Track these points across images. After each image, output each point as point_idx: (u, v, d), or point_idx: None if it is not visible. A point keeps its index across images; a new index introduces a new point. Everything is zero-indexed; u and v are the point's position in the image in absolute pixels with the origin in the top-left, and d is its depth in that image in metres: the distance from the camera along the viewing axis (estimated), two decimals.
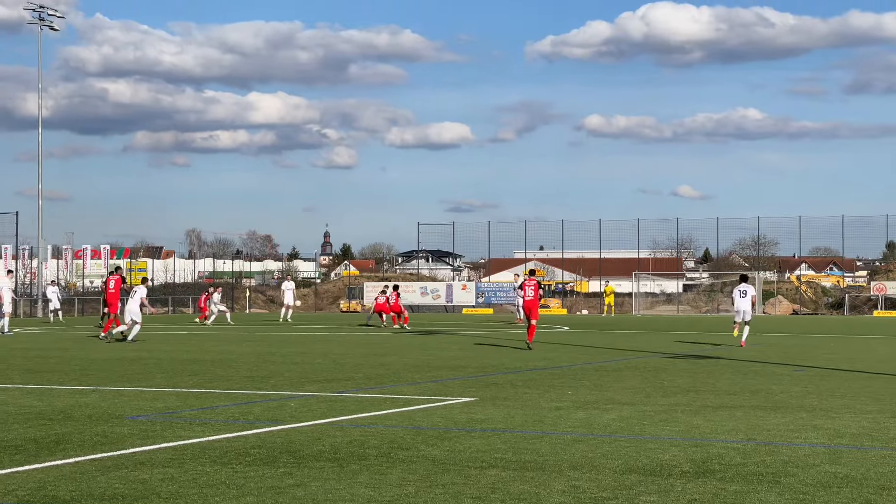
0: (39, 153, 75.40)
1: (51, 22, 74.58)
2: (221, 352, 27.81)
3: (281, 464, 9.97)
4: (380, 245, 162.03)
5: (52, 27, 74.70)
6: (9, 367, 22.36)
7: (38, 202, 75.44)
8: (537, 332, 30.60)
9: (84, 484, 8.97)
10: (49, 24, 74.41)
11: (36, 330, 43.93)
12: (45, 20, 74.24)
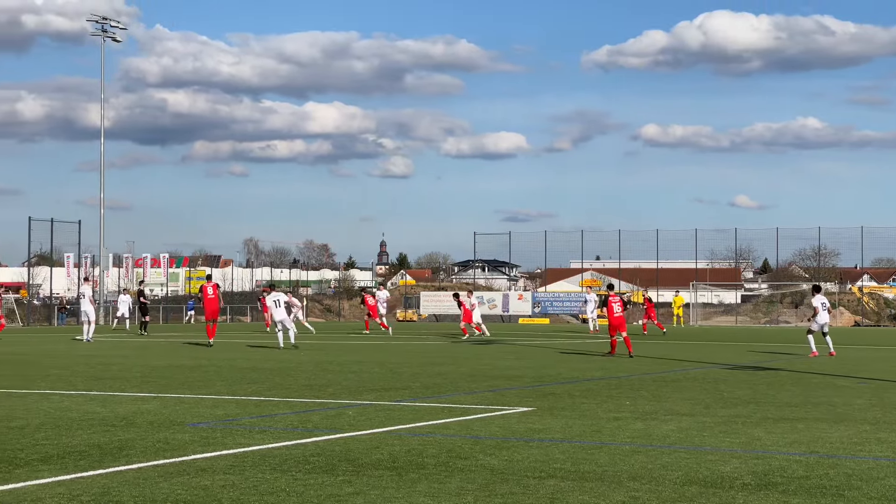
0: (101, 163, 76.28)
1: (113, 34, 75.46)
2: (280, 360, 27.97)
3: (340, 472, 10.02)
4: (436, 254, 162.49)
5: (115, 39, 75.56)
6: (72, 373, 22.63)
7: (99, 211, 76.30)
8: (604, 342, 30.96)
9: (147, 490, 9.06)
10: (111, 36, 75.28)
11: (101, 337, 44.37)
12: (108, 32, 75.12)
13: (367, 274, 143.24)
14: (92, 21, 75.40)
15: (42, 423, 13.51)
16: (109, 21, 75.52)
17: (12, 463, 10.40)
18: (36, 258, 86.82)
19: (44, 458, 10.68)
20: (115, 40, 75.69)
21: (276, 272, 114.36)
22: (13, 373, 22.93)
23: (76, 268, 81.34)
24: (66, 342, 40.52)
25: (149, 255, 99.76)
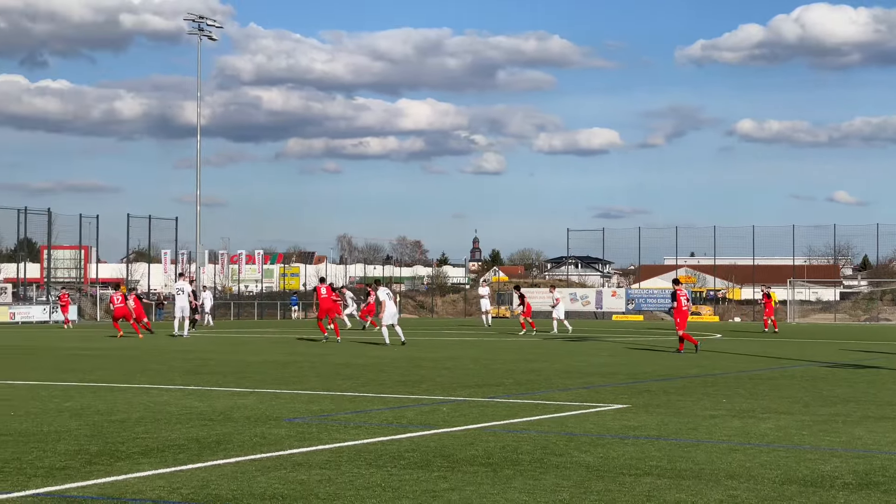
0: (198, 160, 77.34)
1: (209, 32, 76.42)
2: (374, 356, 28.12)
3: (435, 468, 10.04)
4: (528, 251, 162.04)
5: (211, 37, 76.52)
6: (170, 368, 22.97)
7: (196, 208, 77.38)
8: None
9: (245, 483, 9.16)
10: (208, 35, 76.24)
11: (197, 333, 44.99)
12: (204, 31, 76.09)
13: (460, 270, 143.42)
14: (189, 20, 76.46)
15: (142, 417, 13.73)
16: (206, 20, 76.52)
17: (114, 456, 10.57)
18: (134, 254, 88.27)
19: (144, 452, 10.84)
20: (211, 38, 76.66)
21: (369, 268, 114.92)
22: (114, 367, 23.33)
23: (173, 264, 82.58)
24: (163, 337, 41.12)
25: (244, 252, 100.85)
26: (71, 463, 10.12)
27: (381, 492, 8.88)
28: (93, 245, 77.72)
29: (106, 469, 9.81)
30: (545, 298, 52.35)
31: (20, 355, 28.32)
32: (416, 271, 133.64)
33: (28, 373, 21.49)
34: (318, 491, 8.87)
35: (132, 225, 76.63)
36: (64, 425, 12.84)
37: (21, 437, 11.75)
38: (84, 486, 9.05)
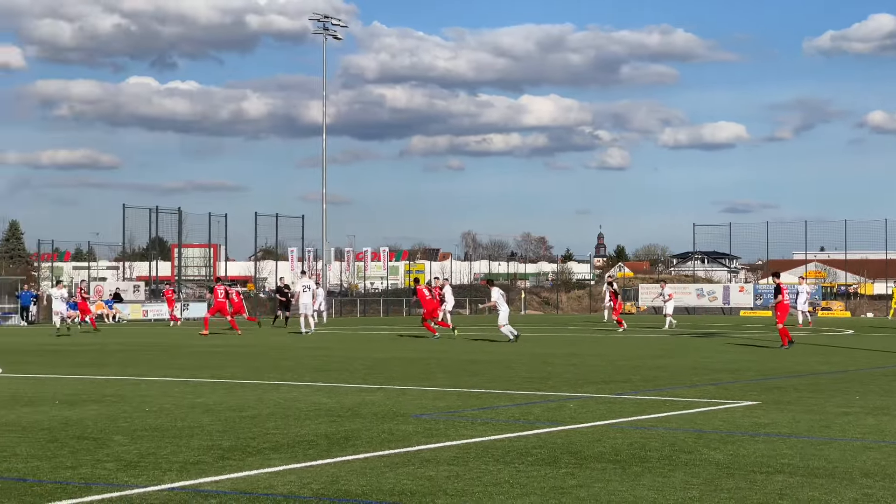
0: (323, 159, 78.24)
1: (334, 31, 77.22)
2: (500, 352, 28.13)
3: (563, 464, 10.00)
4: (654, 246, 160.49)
5: (336, 36, 77.31)
6: (299, 365, 23.26)
7: (322, 206, 78.25)
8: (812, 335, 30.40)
9: (374, 479, 9.23)
10: (333, 34, 77.05)
11: (322, 330, 45.54)
12: (329, 30, 76.89)
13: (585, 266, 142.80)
14: (314, 20, 77.35)
15: (272, 413, 13.92)
16: (330, 19, 77.35)
17: (245, 451, 10.74)
18: (262, 252, 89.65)
19: (274, 447, 11.00)
20: (335, 38, 77.46)
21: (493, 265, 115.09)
22: (244, 364, 23.70)
23: (300, 261, 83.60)
24: (291, 335, 41.65)
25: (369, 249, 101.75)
26: (204, 458, 10.31)
27: (508, 488, 8.87)
28: (221, 243, 79.08)
29: (238, 464, 9.97)
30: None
31: (153, 352, 28.94)
32: (540, 267, 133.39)
33: (161, 370, 21.95)
34: (446, 487, 8.90)
35: (260, 223, 77.80)
36: (197, 421, 13.09)
37: (156, 433, 12.00)
38: (217, 480, 9.21)
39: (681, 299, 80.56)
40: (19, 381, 19.05)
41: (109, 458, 10.29)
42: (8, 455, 10.45)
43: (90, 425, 12.66)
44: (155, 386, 18.10)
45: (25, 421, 13.07)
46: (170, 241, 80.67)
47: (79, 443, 11.25)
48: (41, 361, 24.73)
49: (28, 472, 9.52)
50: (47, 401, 15.46)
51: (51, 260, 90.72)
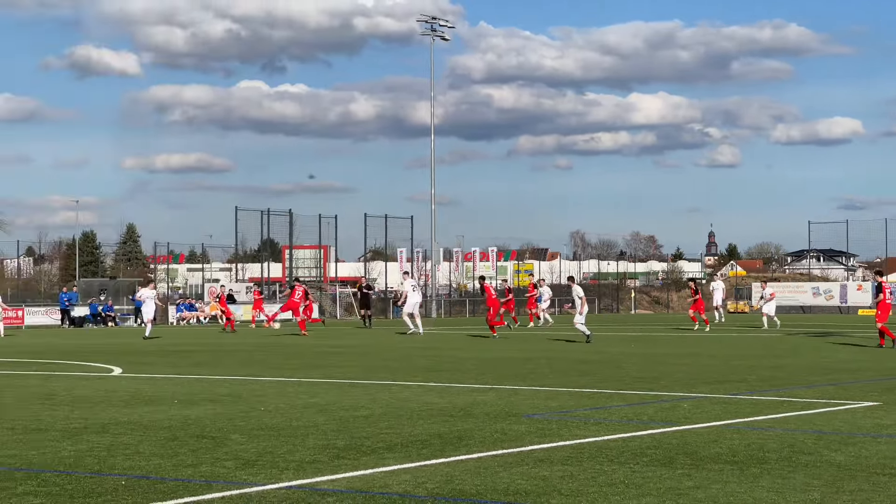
0: (432, 160, 78.60)
1: (442, 33, 77.48)
2: (610, 352, 27.97)
3: (678, 465, 9.90)
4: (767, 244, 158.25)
5: (444, 37, 77.58)
6: (410, 365, 23.37)
7: (430, 206, 78.58)
8: None
9: (488, 479, 9.23)
10: (440, 35, 77.33)
11: (432, 330, 45.68)
12: (437, 31, 77.17)
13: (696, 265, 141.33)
14: (421, 21, 77.72)
15: (385, 413, 14.00)
16: (438, 20, 77.63)
17: (359, 450, 10.82)
18: (371, 253, 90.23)
19: (388, 447, 11.06)
20: (443, 39, 77.73)
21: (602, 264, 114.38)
22: (356, 364, 23.88)
23: (409, 262, 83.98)
24: (401, 334, 41.84)
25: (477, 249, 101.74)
26: (319, 457, 10.40)
27: (624, 489, 8.81)
28: (332, 244, 79.76)
29: (353, 463, 10.05)
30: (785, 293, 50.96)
31: (266, 352, 29.30)
32: (650, 266, 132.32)
33: (275, 370, 22.21)
34: (560, 487, 8.87)
35: (369, 224, 78.41)
36: (311, 420, 13.22)
37: (272, 432, 12.15)
38: (333, 479, 9.29)
39: (796, 298, 79.45)
40: (139, 381, 19.43)
41: (228, 456, 10.45)
42: (132, 453, 10.66)
43: (208, 424, 12.86)
44: (269, 386, 18.33)
45: (146, 420, 13.33)
46: (281, 243, 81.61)
47: (198, 441, 11.44)
48: (158, 362, 25.19)
49: (151, 470, 9.70)
50: (166, 400, 15.74)
51: (166, 262, 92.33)
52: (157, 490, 8.79)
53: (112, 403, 15.34)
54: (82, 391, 17.40)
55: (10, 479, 9.31)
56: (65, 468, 9.84)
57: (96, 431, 12.27)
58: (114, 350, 30.86)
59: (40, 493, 8.66)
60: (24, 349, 32.14)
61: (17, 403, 15.43)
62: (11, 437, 11.83)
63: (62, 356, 27.75)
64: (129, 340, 38.33)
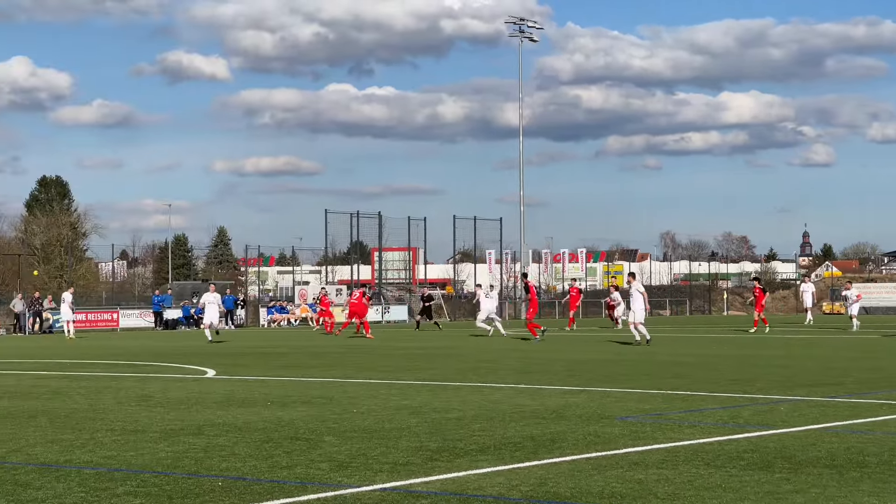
0: (521, 161, 78.53)
1: (530, 34, 77.38)
2: (701, 354, 27.71)
3: (776, 469, 9.77)
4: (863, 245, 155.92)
5: (532, 39, 77.48)
6: (500, 367, 23.34)
7: (519, 208, 78.51)
8: None
9: (582, 481, 9.18)
10: (528, 36, 77.23)
11: (523, 332, 45.58)
12: (525, 32, 77.08)
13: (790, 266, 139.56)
14: (509, 23, 77.67)
15: (476, 415, 14.00)
16: (526, 22, 77.54)
17: (453, 452, 10.82)
18: (460, 255, 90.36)
19: (481, 449, 11.05)
20: (531, 40, 77.61)
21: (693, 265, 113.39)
22: (446, 366, 23.90)
23: (497, 264, 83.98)
24: (490, 337, 41.83)
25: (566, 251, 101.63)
26: (413, 459, 10.43)
27: (721, 493, 8.71)
28: (420, 246, 79.98)
29: (447, 465, 10.05)
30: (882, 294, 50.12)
31: (357, 355, 29.46)
32: (742, 267, 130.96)
33: (365, 371, 22.32)
34: (656, 490, 8.79)
35: (458, 226, 78.49)
36: (404, 422, 13.26)
37: (365, 434, 12.20)
38: (427, 481, 9.30)
39: (893, 299, 78.10)
40: (232, 383, 19.64)
41: (322, 458, 10.51)
42: (227, 454, 10.77)
43: (301, 426, 12.95)
44: (361, 388, 18.42)
45: (241, 421, 13.46)
46: (370, 245, 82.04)
47: (292, 443, 11.52)
48: (251, 364, 25.44)
49: (247, 472, 9.79)
50: (259, 402, 15.89)
51: (257, 265, 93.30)
52: (252, 491, 8.87)
53: (207, 405, 15.52)
54: (177, 393, 17.63)
55: (111, 479, 9.45)
56: (163, 469, 9.97)
57: (192, 433, 12.42)
58: (207, 352, 31.24)
59: (140, 494, 8.78)
60: (119, 351, 32.66)
61: (115, 405, 15.67)
62: (110, 439, 12.02)
63: (157, 358, 28.16)
64: (222, 343, 38.76)
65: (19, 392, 18.15)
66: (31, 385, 19.68)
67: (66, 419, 13.97)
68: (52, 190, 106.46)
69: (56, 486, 9.12)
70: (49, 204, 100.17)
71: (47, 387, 19.23)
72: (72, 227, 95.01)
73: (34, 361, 27.72)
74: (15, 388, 19.07)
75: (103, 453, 10.96)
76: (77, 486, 9.15)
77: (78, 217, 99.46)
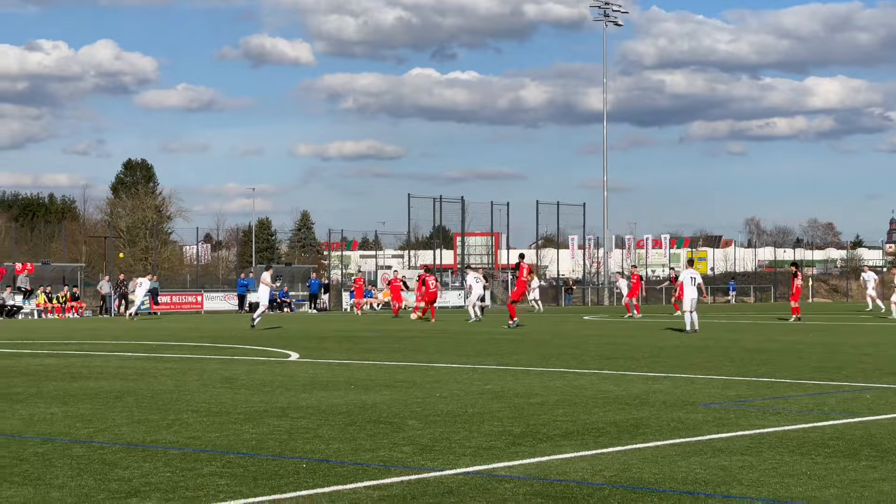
0: (604, 146, 78.21)
1: (615, 18, 76.90)
2: (786, 342, 27.41)
3: (863, 457, 9.64)
4: None
5: (617, 23, 77.04)
6: (583, 353, 23.27)
7: (603, 194, 78.17)
8: None
9: (666, 468, 9.14)
10: (613, 20, 76.82)
11: (605, 317, 45.44)
12: (610, 17, 76.62)
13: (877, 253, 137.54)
14: (594, 7, 77.22)
15: (560, 400, 13.97)
16: (611, 6, 77.04)
17: (535, 437, 10.82)
18: (542, 240, 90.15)
19: (564, 434, 11.04)
20: (616, 24, 77.16)
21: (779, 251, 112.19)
22: (529, 351, 23.89)
23: (580, 249, 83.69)
24: (574, 322, 41.77)
25: (650, 237, 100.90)
26: (496, 443, 10.44)
27: (806, 480, 8.63)
28: (503, 231, 79.95)
29: (530, 450, 10.05)
30: None
31: (439, 339, 29.53)
32: (828, 254, 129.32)
33: (448, 356, 22.37)
34: (740, 477, 8.72)
35: (541, 211, 78.33)
36: (486, 407, 13.27)
37: (448, 418, 12.24)
38: (510, 465, 9.31)
39: None
40: (316, 367, 19.80)
41: (405, 441, 10.56)
42: (311, 437, 10.87)
43: (385, 409, 13.02)
44: (444, 372, 18.47)
45: (325, 405, 13.56)
46: (453, 230, 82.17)
47: (375, 426, 11.59)
48: (334, 347, 25.61)
49: (330, 454, 9.87)
50: (343, 385, 16.00)
51: (339, 249, 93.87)
52: (336, 474, 8.94)
53: (290, 388, 15.66)
54: (261, 375, 17.81)
55: (196, 460, 9.58)
56: (247, 450, 10.09)
57: (276, 415, 12.55)
58: (290, 335, 31.52)
59: (225, 475, 8.89)
60: (204, 334, 33.07)
61: (200, 387, 15.87)
62: (196, 420, 12.19)
63: (240, 341, 28.46)
64: (305, 326, 39.09)
65: (106, 373, 18.45)
66: (117, 366, 20.00)
67: (151, 400, 14.19)
68: (138, 173, 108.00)
69: (143, 466, 9.26)
70: (134, 187, 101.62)
71: (133, 368, 19.54)
72: (157, 210, 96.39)
73: (120, 343, 28.16)
74: (101, 369, 19.40)
75: (188, 434, 11.11)
76: (163, 465, 9.29)
77: (163, 200, 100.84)
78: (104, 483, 8.59)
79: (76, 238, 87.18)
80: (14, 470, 9.13)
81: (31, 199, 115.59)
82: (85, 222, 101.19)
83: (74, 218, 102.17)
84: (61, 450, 10.14)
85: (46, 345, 27.47)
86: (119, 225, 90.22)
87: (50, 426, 11.78)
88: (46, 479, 8.77)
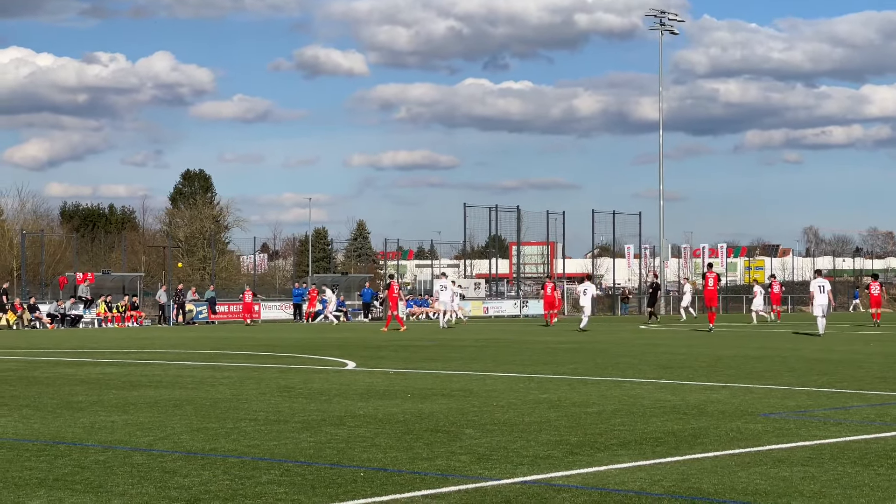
0: (660, 155, 77.82)
1: (670, 27, 76.59)
2: (847, 351, 27.12)
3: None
4: None
5: (672, 31, 76.74)
6: (641, 362, 23.15)
7: (658, 203, 77.81)
8: None
9: (725, 478, 9.06)
10: (669, 29, 76.50)
11: (663, 326, 45.20)
12: (665, 25, 76.31)
13: None
14: (650, 16, 76.96)
15: (617, 410, 13.90)
16: (666, 14, 76.74)
17: (593, 447, 10.77)
18: (598, 249, 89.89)
19: (622, 443, 10.98)
20: (672, 33, 76.82)
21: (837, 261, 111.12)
22: (587, 360, 23.80)
23: (636, 258, 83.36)
24: (629, 331, 41.55)
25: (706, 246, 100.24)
26: (553, 452, 10.40)
27: (869, 492, 8.52)
28: (559, 241, 79.77)
29: (587, 459, 10.00)
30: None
31: (494, 348, 29.50)
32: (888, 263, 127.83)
33: (504, 365, 22.33)
34: (802, 488, 8.63)
35: (596, 220, 78.13)
36: (543, 416, 13.23)
37: (505, 427, 12.21)
38: (567, 475, 9.28)
39: None
40: (373, 375, 19.83)
41: (462, 450, 10.55)
42: (368, 445, 10.88)
43: (442, 418, 13.02)
44: (500, 381, 18.42)
45: (381, 413, 13.58)
46: (508, 239, 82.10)
47: (433, 435, 11.59)
48: (391, 356, 25.64)
49: (388, 463, 9.88)
50: (399, 394, 16.01)
51: (396, 258, 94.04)
52: (394, 482, 8.94)
53: (347, 396, 15.70)
54: (318, 384, 17.86)
55: (255, 468, 9.63)
56: (305, 459, 10.11)
57: (333, 424, 12.58)
58: (346, 344, 31.61)
59: (283, 483, 8.92)
60: (260, 343, 33.24)
61: (258, 395, 15.95)
62: (254, 428, 12.24)
63: (297, 350, 28.57)
64: (362, 335, 39.19)
65: (165, 381, 18.59)
66: (175, 375, 20.15)
67: (210, 408, 14.27)
68: (196, 183, 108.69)
69: (202, 474, 9.32)
70: (192, 197, 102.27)
71: (192, 376, 19.67)
72: (214, 219, 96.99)
73: (178, 352, 28.37)
74: (161, 377, 19.55)
75: (247, 442, 11.16)
76: (222, 473, 9.34)
77: (220, 210, 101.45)
78: (164, 491, 8.64)
79: (135, 248, 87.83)
80: (76, 478, 9.22)
81: (91, 209, 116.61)
82: (144, 232, 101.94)
83: (134, 228, 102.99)
84: (122, 458, 10.23)
85: (107, 353, 27.74)
86: (177, 235, 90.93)
87: (110, 434, 11.88)
88: (107, 486, 8.84)
